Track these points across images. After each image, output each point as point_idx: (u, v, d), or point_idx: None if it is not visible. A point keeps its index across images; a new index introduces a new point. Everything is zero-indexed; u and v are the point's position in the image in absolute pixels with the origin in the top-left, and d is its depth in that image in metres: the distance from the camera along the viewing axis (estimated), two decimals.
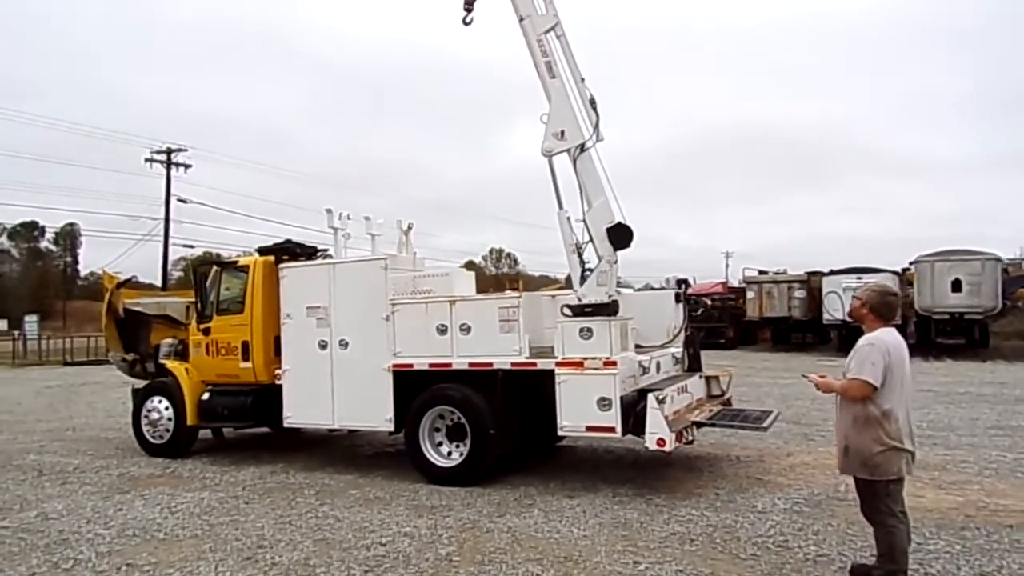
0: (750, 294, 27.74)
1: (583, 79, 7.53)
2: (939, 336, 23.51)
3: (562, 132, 7.36)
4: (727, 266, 58.81)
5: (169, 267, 41.18)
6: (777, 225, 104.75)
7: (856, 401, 4.12)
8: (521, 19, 7.61)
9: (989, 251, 22.96)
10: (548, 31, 7.52)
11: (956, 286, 22.06)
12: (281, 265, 8.75)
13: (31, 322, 37.28)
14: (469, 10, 8.24)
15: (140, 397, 9.59)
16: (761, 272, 30.62)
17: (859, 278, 22.87)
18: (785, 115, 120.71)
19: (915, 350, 23.68)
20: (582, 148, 7.36)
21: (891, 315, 4.27)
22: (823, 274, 26.04)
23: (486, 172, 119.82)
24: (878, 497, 4.14)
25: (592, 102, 7.50)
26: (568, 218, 7.42)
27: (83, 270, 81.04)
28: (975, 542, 5.20)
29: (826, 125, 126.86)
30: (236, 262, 9.66)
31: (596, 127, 7.43)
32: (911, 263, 23.93)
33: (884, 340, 4.13)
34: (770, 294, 26.88)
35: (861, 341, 4.22)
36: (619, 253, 7.21)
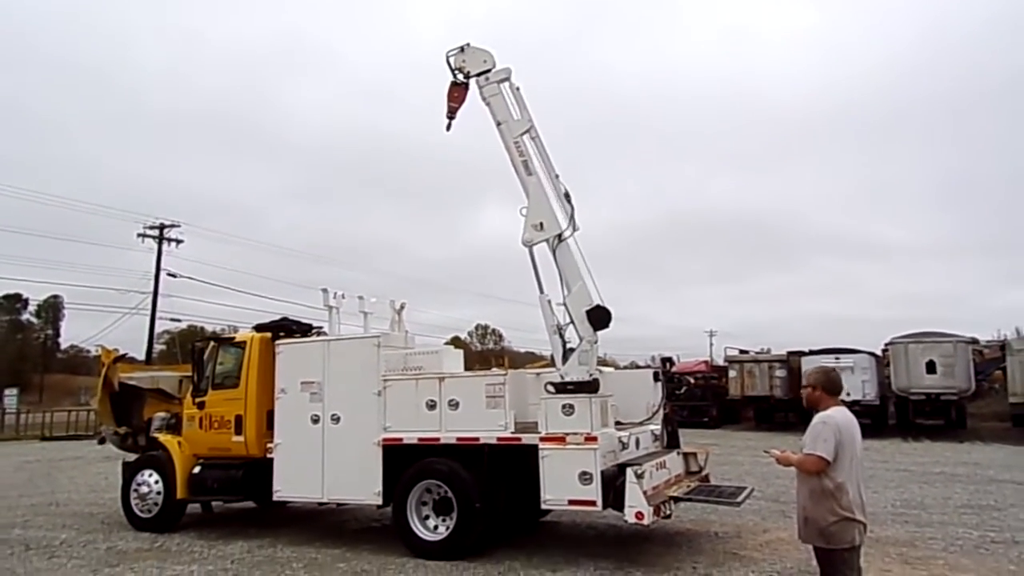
0: (732, 373, 28.14)
1: (557, 175, 8.20)
2: (918, 416, 23.88)
3: (540, 224, 7.98)
4: (711, 344, 59.53)
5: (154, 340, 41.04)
6: (756, 304, 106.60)
7: (812, 475, 4.51)
8: (499, 124, 8.35)
9: (961, 334, 23.69)
10: (523, 133, 8.24)
11: (931, 367, 22.61)
12: (277, 341, 9.12)
13: (11, 396, 36.74)
14: (451, 118, 8.88)
15: (130, 471, 9.71)
16: (743, 351, 31.14)
17: (837, 358, 23.36)
18: (751, 198, 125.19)
19: (895, 431, 24.13)
20: (560, 238, 7.96)
21: (838, 389, 4.76)
22: (803, 354, 26.53)
23: (466, 248, 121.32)
24: (835, 565, 4.48)
25: (567, 195, 8.15)
26: (549, 301, 7.94)
27: (64, 343, 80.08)
28: None
29: (791, 208, 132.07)
30: (233, 338, 10.02)
31: (572, 218, 8.06)
32: (886, 344, 24.56)
33: (835, 418, 4.55)
34: (751, 373, 27.28)
35: (815, 419, 4.65)
36: (601, 333, 7.70)
